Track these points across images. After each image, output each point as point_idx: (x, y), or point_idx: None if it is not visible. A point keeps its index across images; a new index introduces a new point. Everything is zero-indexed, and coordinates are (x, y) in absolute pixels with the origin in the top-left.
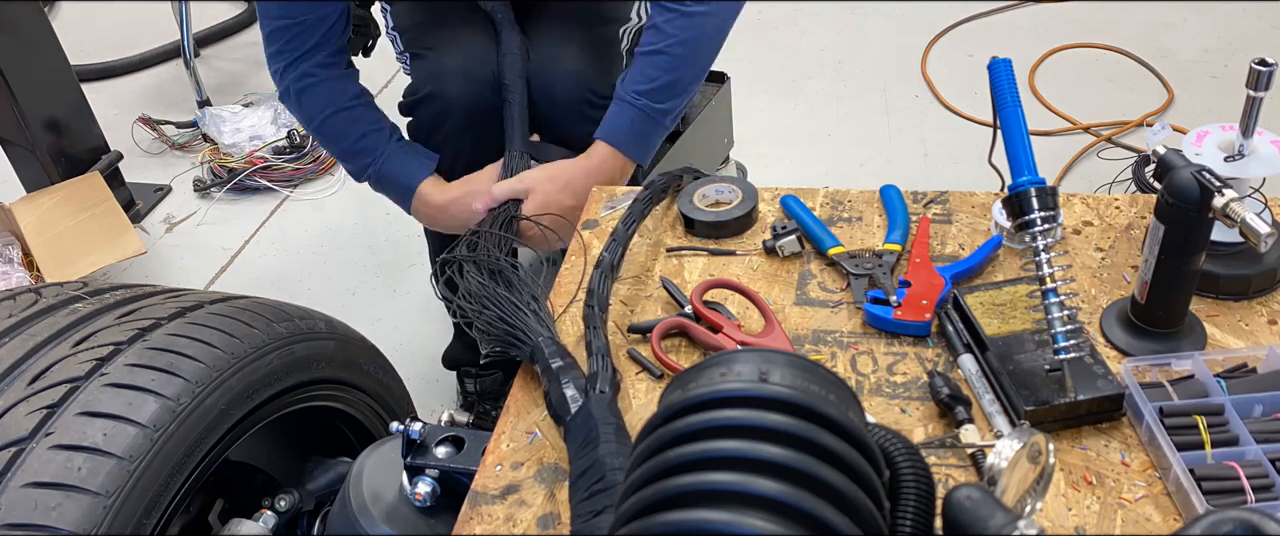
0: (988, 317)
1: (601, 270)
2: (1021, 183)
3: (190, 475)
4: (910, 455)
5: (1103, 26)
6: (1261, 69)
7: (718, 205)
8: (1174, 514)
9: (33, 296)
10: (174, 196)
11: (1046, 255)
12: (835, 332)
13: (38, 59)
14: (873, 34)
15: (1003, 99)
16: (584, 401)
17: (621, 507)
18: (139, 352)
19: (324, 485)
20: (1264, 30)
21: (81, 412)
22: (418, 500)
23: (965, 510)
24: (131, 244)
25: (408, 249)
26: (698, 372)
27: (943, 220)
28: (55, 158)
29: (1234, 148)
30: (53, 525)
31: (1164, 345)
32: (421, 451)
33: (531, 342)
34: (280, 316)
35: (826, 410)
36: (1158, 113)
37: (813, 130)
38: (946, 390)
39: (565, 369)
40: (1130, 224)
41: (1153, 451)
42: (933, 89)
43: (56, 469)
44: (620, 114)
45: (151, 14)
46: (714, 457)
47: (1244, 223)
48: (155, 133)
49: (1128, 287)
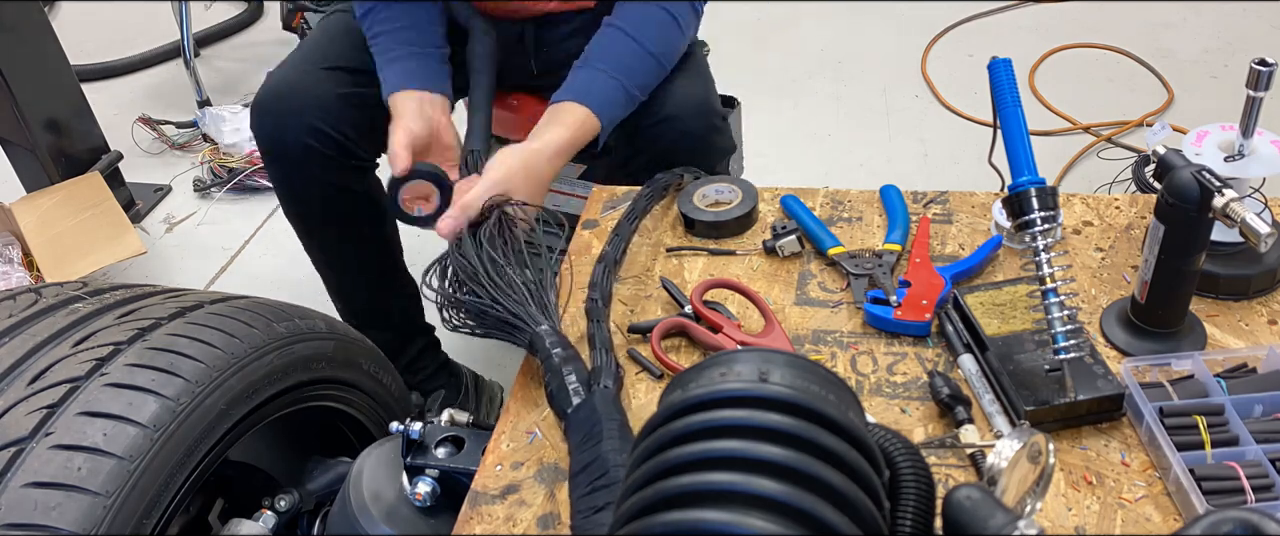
0: (988, 317)
1: (604, 264)
2: (1021, 183)
3: (190, 475)
4: (910, 455)
5: (1103, 26)
6: (1261, 69)
7: (718, 205)
8: (1174, 514)
9: (33, 296)
10: (174, 196)
11: (1046, 255)
12: (835, 332)
13: (38, 59)
14: (873, 34)
15: (1003, 99)
16: (587, 396)
17: (622, 507)
18: (139, 352)
19: (324, 485)
20: (1264, 30)
21: (81, 412)
22: (418, 500)
23: (965, 510)
24: (131, 244)
25: (408, 249)
26: (698, 372)
27: (943, 220)
28: (55, 158)
29: (1234, 148)
30: (53, 525)
31: (1164, 345)
32: (421, 451)
33: (531, 330)
34: (280, 316)
35: (826, 410)
36: (1158, 113)
37: (813, 130)
38: (946, 390)
39: (567, 360)
40: (1130, 224)
41: (1153, 451)
42: (933, 89)
43: (56, 469)
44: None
45: (151, 14)
46: (714, 457)
47: (1244, 223)
48: (155, 133)
49: (1128, 288)
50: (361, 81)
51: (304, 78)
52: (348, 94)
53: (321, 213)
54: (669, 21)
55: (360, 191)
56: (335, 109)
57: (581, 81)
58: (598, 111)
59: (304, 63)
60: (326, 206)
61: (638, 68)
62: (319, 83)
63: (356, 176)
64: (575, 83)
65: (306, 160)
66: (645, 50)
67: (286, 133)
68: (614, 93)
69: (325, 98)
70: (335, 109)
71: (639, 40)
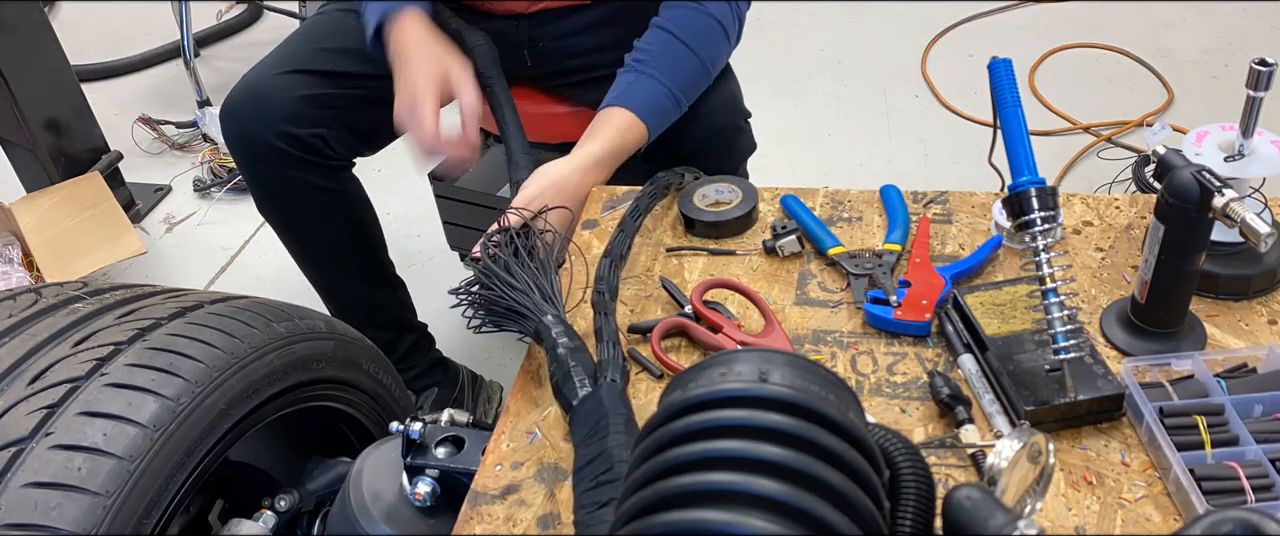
0: (988, 317)
1: (610, 259)
2: (1021, 183)
3: (190, 475)
4: (910, 455)
5: (1103, 26)
6: (1261, 69)
7: (718, 205)
8: (1174, 514)
9: (33, 296)
10: (174, 196)
11: (1046, 255)
12: (835, 332)
13: (38, 59)
14: (873, 34)
15: (1003, 99)
16: (594, 389)
17: (622, 507)
18: (139, 352)
19: (324, 485)
20: (1264, 30)
21: (81, 412)
22: (418, 500)
23: (965, 510)
24: (131, 244)
25: (408, 249)
26: (698, 372)
27: (943, 220)
28: (55, 158)
29: (1234, 148)
30: (53, 525)
31: (1164, 345)
32: (421, 451)
33: (536, 320)
34: (280, 316)
35: (826, 410)
36: (1158, 113)
37: (813, 130)
38: (946, 390)
39: (573, 351)
40: (1130, 224)
41: (1153, 451)
42: (933, 89)
43: (56, 469)
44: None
45: (151, 14)
46: (714, 457)
47: (1244, 223)
48: (155, 133)
49: (1128, 288)
50: (333, 83)
51: (273, 80)
52: (318, 96)
53: (297, 212)
54: (717, 29)
55: (336, 190)
56: (302, 111)
57: (628, 86)
58: (644, 117)
59: (275, 65)
60: (301, 205)
61: (687, 73)
62: (288, 85)
63: (328, 175)
64: (622, 87)
65: (275, 160)
66: (696, 56)
67: (253, 134)
68: (662, 99)
69: (291, 100)
70: (302, 111)
71: (691, 46)
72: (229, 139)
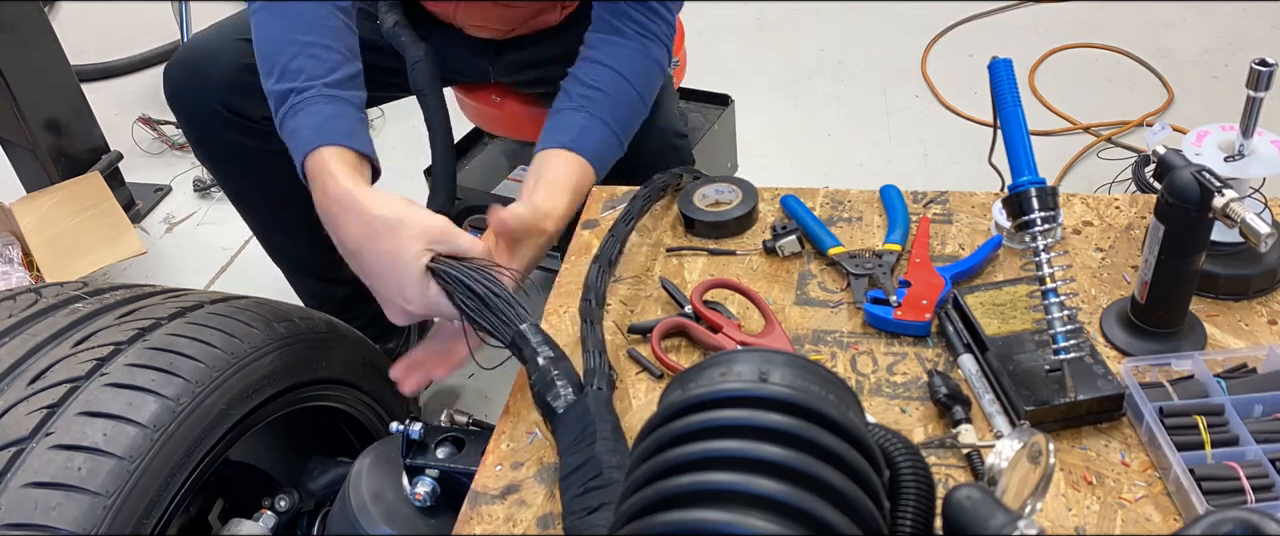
0: (988, 317)
1: (599, 265)
2: (1021, 183)
3: (190, 475)
4: (910, 455)
5: (1103, 26)
6: (1261, 69)
7: (718, 205)
8: (1174, 514)
9: (33, 296)
10: (174, 196)
11: (1046, 255)
12: (835, 332)
13: (38, 59)
14: (873, 34)
15: (1003, 99)
16: (579, 398)
17: (621, 507)
18: (139, 352)
19: (324, 485)
20: (1264, 30)
21: (81, 412)
22: (418, 500)
23: (965, 510)
24: (131, 244)
25: None
26: (698, 373)
27: (943, 220)
28: (55, 158)
29: (1234, 148)
30: (53, 525)
31: (1164, 345)
32: (421, 451)
33: (513, 329)
34: (280, 316)
35: (826, 410)
36: (1158, 113)
37: (813, 130)
38: (946, 390)
39: (554, 361)
40: (1130, 224)
41: (1153, 451)
42: (933, 89)
43: (56, 469)
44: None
45: (151, 14)
46: (714, 457)
47: (1244, 223)
48: (155, 133)
49: (1128, 288)
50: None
51: (220, 43)
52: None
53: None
54: (658, 73)
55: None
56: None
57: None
58: (597, 167)
59: (228, 30)
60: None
61: (633, 116)
62: (235, 51)
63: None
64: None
65: (212, 122)
66: (642, 101)
67: (189, 93)
68: (613, 148)
69: (234, 66)
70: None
71: (639, 91)
72: (169, 93)
